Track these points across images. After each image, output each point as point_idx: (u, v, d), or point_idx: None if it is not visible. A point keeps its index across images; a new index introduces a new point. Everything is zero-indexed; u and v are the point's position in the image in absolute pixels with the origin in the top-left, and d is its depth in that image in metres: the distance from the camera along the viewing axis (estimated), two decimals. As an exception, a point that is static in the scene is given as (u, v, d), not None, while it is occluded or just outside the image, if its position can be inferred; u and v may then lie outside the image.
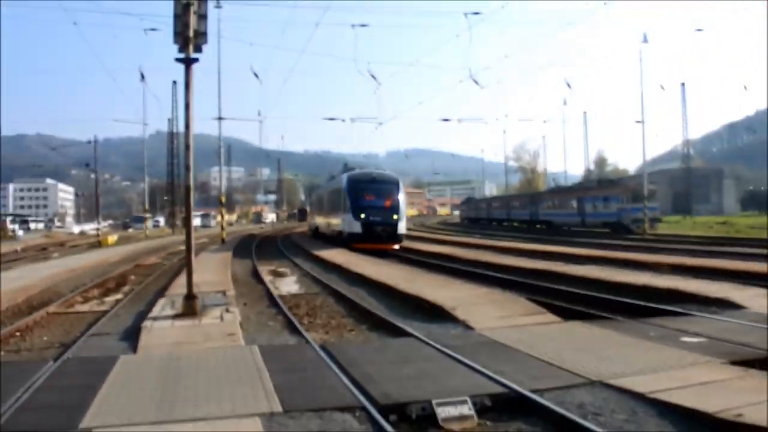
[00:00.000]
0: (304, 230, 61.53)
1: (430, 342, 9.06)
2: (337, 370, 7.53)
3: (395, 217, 30.38)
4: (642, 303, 12.66)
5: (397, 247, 30.49)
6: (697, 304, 12.63)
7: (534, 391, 6.55)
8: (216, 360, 8.18)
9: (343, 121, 38.08)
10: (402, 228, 30.78)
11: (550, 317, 11.14)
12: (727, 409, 5.66)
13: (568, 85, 27.39)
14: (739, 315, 11.02)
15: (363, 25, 27.74)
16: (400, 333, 10.49)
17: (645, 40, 39.46)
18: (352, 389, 6.72)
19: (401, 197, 31.46)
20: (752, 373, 7.11)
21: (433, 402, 6.18)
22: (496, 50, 29.66)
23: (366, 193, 31.07)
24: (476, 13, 25.43)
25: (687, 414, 5.81)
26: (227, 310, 12.53)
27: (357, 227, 30.27)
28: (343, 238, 31.66)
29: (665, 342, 8.81)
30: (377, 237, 29.90)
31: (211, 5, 15.62)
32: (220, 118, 41.36)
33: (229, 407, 6.16)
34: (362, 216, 30.23)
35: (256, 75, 34.02)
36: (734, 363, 7.55)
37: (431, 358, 8.19)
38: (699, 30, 32.48)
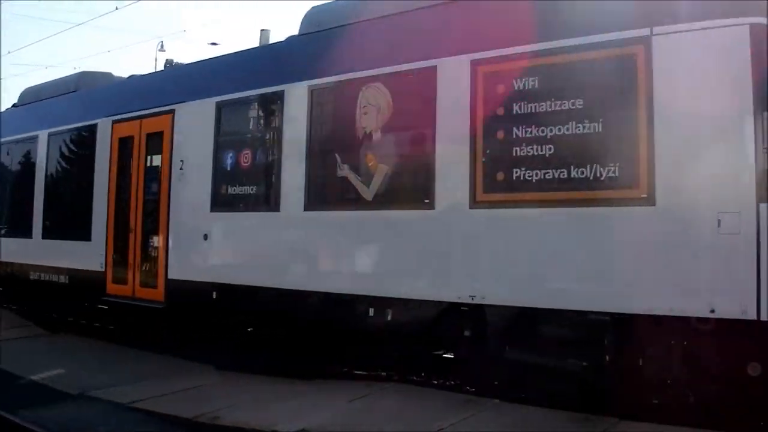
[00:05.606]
0: None
1: None
2: None
3: None
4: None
5: None
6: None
7: (9, 411, 5.96)
8: None
9: None
10: None
11: (36, 330, 10.42)
12: (205, 413, 6.06)
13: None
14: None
15: None
16: None
17: (162, 49, 40.18)
18: None
19: None
20: (229, 376, 7.67)
21: None
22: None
23: None
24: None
25: (168, 421, 6.06)
26: None
27: None
28: None
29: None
30: None
31: None
32: None
33: None
34: None
35: None
36: (219, 368, 8.01)
37: None
38: (214, 44, 34.87)
